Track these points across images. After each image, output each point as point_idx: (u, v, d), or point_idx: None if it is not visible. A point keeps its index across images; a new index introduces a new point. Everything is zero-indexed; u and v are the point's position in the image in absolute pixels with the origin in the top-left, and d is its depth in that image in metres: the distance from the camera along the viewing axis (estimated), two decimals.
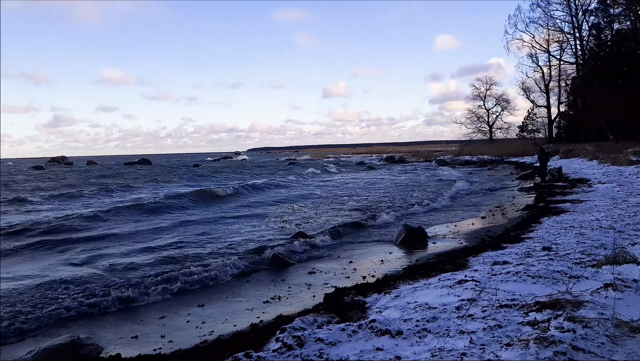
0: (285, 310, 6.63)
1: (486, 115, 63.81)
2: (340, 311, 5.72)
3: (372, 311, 5.75)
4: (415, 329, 4.82)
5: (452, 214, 15.50)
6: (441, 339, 4.59)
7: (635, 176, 19.00)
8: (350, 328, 4.75)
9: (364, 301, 6.11)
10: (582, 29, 45.75)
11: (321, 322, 5.20)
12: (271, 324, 5.79)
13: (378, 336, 4.67)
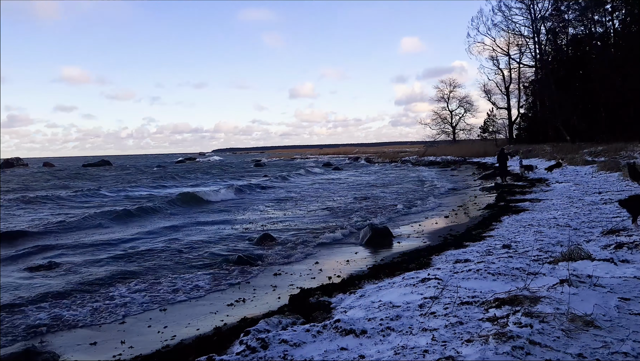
0: (250, 313, 6.58)
1: (450, 116, 65.21)
2: (305, 312, 5.71)
3: (337, 311, 5.76)
4: (379, 328, 4.86)
5: (417, 214, 15.72)
6: (404, 337, 4.65)
7: (590, 176, 19.77)
8: (315, 328, 4.74)
9: (329, 301, 6.12)
10: (540, 33, 47.36)
11: (286, 323, 5.17)
12: (235, 327, 5.72)
13: (342, 336, 4.68)
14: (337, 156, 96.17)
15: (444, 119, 65.26)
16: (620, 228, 8.53)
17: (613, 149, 25.67)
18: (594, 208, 11.96)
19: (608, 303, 4.84)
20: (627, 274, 5.79)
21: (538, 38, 47.31)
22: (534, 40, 47.65)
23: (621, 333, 4.17)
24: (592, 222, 10.20)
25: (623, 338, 4.06)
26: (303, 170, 49.29)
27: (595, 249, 7.43)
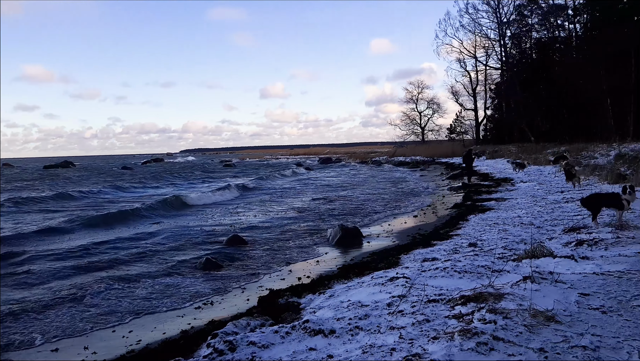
0: (218, 315, 6.50)
1: (418, 118, 66.10)
2: (274, 314, 5.69)
3: (307, 311, 5.77)
4: (348, 327, 4.89)
5: (387, 214, 15.85)
6: (372, 336, 4.68)
7: (553, 175, 20.36)
8: (284, 329, 4.73)
9: (299, 302, 6.12)
10: (505, 36, 48.51)
11: (254, 325, 5.14)
12: (203, 330, 5.65)
13: (311, 336, 4.68)
14: (308, 157, 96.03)
15: (413, 120, 66.17)
16: (580, 226, 8.81)
17: (575, 149, 26.50)
18: (556, 207, 12.32)
19: (568, 299, 5.00)
20: (587, 270, 5.99)
21: (503, 41, 48.51)
22: (499, 43, 48.85)
23: (580, 327, 4.30)
24: (554, 220, 10.50)
25: (582, 332, 4.19)
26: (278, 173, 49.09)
27: (557, 246, 7.64)
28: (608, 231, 7.84)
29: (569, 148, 27.25)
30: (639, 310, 4.59)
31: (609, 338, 4.06)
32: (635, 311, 4.57)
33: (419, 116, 66.03)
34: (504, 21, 47.41)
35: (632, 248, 6.73)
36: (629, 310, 4.61)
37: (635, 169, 15.70)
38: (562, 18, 43.38)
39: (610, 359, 3.75)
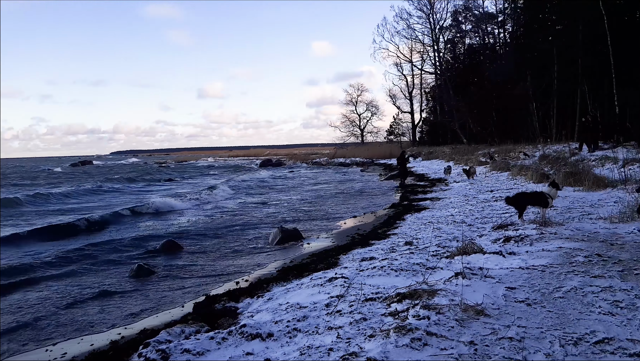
0: (151, 323, 6.25)
1: (358, 120, 67.25)
2: (210, 320, 5.55)
3: (244, 316, 5.68)
4: (286, 330, 4.86)
5: (327, 214, 15.95)
6: (310, 337, 4.68)
7: (484, 175, 21.33)
8: (220, 335, 4.62)
9: (236, 306, 6.01)
10: (439, 42, 50.37)
11: (189, 332, 4.99)
12: (134, 339, 5.41)
13: (248, 340, 4.60)
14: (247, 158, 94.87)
15: (352, 122, 67.27)
16: (508, 223, 9.26)
17: (503, 150, 27.90)
18: (486, 205, 12.89)
19: (496, 293, 5.23)
20: (514, 265, 6.29)
21: (437, 46, 50.31)
22: (433, 48, 50.58)
23: (507, 319, 4.51)
24: (484, 218, 10.97)
25: (509, 324, 4.40)
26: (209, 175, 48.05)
27: (487, 243, 7.98)
28: (533, 228, 8.28)
29: (498, 149, 28.66)
30: (560, 302, 4.88)
31: (533, 329, 4.28)
32: (557, 303, 4.85)
33: (359, 118, 67.25)
34: (437, 27, 49.23)
35: (554, 243, 7.15)
36: (551, 302, 4.89)
37: (558, 169, 16.74)
38: (493, 25, 45.73)
39: (534, 349, 3.96)
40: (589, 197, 11.73)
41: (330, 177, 34.72)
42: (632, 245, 6.71)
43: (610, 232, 7.68)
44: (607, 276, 5.45)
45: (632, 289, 4.99)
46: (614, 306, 4.63)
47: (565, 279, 5.49)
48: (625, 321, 4.30)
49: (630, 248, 6.58)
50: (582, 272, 5.66)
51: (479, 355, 3.88)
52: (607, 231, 7.79)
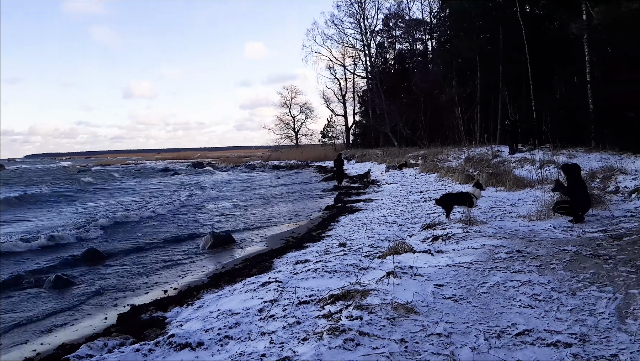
0: (70, 338, 5.84)
1: (292, 122, 67.26)
2: (136, 331, 5.28)
3: (173, 325, 5.46)
4: (217, 338, 4.71)
5: (261, 218, 15.76)
6: (243, 344, 4.57)
7: (414, 177, 22.03)
8: (146, 347, 4.40)
9: (164, 316, 5.77)
10: (370, 47, 51.57)
11: (113, 345, 4.71)
12: (51, 356, 5.03)
13: (177, 351, 4.42)
14: (177, 161, 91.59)
15: (287, 124, 67.16)
16: (436, 223, 9.59)
17: (432, 153, 28.99)
18: (416, 206, 13.29)
19: (426, 290, 5.37)
20: (441, 263, 6.51)
21: (369, 51, 51.46)
22: (365, 52, 51.69)
23: (436, 316, 4.64)
24: (414, 218, 11.30)
25: (437, 321, 4.53)
26: None
27: (417, 242, 8.21)
28: (459, 227, 8.63)
29: (427, 152, 29.74)
30: (484, 297, 5.10)
31: (460, 324, 4.44)
32: (482, 298, 5.06)
33: (293, 120, 67.29)
34: (367, 32, 50.35)
35: (478, 241, 7.48)
36: (476, 297, 5.09)
37: (481, 170, 17.62)
38: (421, 32, 47.45)
39: (461, 343, 4.09)
40: (510, 196, 12.43)
41: (264, 180, 34.43)
42: (548, 241, 7.15)
43: (529, 229, 8.16)
44: (527, 271, 5.77)
45: (548, 283, 5.31)
46: (533, 300, 4.90)
47: (488, 275, 5.75)
48: (543, 313, 4.56)
49: (546, 244, 7.01)
50: (504, 268, 5.96)
51: (409, 352, 3.96)
52: (526, 228, 8.27)
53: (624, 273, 5.41)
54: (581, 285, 5.18)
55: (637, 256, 5.94)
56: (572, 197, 8.36)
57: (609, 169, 11.53)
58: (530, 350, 3.89)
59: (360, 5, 49.78)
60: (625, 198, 9.68)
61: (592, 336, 4.02)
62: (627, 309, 4.47)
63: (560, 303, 4.76)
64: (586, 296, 4.88)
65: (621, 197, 9.79)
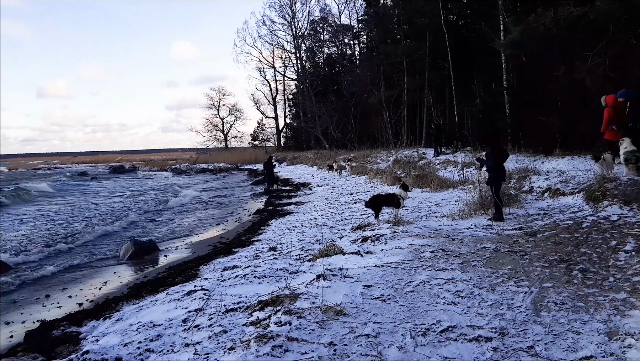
0: None
1: (221, 124, 65.82)
2: (47, 349, 4.86)
3: (88, 341, 5.07)
4: (137, 352, 4.45)
5: (187, 224, 15.22)
6: (165, 356, 4.34)
7: (344, 179, 22.32)
8: None
9: (79, 331, 5.36)
10: (300, 49, 51.70)
11: None
12: None
13: None
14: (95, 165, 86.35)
15: (215, 126, 65.59)
16: (366, 224, 9.73)
17: (362, 155, 29.53)
18: (346, 208, 13.44)
19: (355, 292, 5.39)
20: (370, 264, 6.58)
21: (299, 54, 51.56)
22: (295, 55, 51.75)
23: (364, 317, 4.65)
24: (345, 220, 11.41)
25: (366, 322, 4.54)
26: None
27: (347, 244, 8.26)
28: (387, 227, 8.79)
29: (357, 154, 30.28)
30: (411, 295, 5.19)
31: (388, 324, 4.48)
32: (408, 297, 5.15)
33: (222, 122, 65.89)
34: (298, 35, 50.46)
35: (405, 241, 7.65)
36: (403, 296, 5.17)
37: (408, 172, 18.17)
38: (349, 37, 48.32)
39: (389, 343, 4.12)
40: (434, 197, 12.88)
41: (191, 184, 33.38)
42: (470, 239, 7.45)
43: (452, 228, 8.47)
44: (450, 269, 5.96)
45: (470, 280, 5.50)
46: (456, 296, 5.05)
47: (415, 274, 5.87)
48: (466, 309, 4.71)
49: (468, 242, 7.30)
50: (429, 266, 6.12)
51: (338, 355, 3.92)
52: (450, 227, 8.58)
53: (539, 267, 5.73)
54: (500, 281, 5.41)
55: (549, 252, 6.32)
56: (490, 174, 8.84)
57: (524, 170, 12.26)
58: (454, 346, 3.99)
59: (292, 8, 49.86)
60: (538, 196, 10.32)
61: (510, 329, 4.19)
62: (541, 302, 4.72)
63: (481, 298, 4.94)
64: (505, 291, 5.10)
65: (535, 196, 10.43)
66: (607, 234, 6.65)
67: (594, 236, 6.67)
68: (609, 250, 5.97)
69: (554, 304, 4.62)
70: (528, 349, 3.82)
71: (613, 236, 6.49)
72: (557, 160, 12.51)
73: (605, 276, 5.20)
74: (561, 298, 4.74)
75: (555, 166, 11.93)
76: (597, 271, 5.37)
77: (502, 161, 8.72)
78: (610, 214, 7.51)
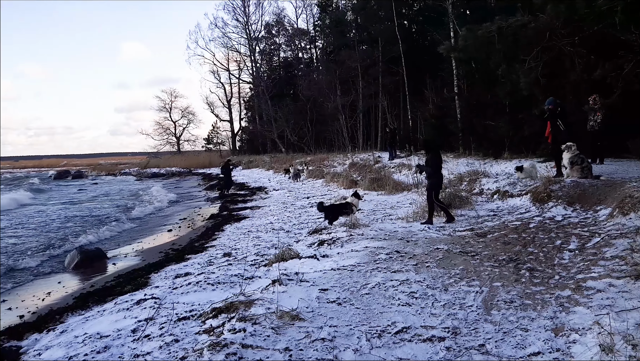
0: None
1: (173, 127, 64.32)
2: None
3: (30, 355, 4.81)
4: None
5: (138, 230, 14.72)
6: None
7: (301, 183, 22.28)
8: None
9: (19, 346, 5.06)
10: (255, 52, 51.31)
11: None
12: None
13: None
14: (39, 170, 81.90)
15: (167, 130, 64.01)
16: (322, 228, 9.72)
17: (318, 159, 29.62)
18: (303, 212, 13.40)
19: (311, 296, 5.35)
20: (327, 267, 6.56)
21: (254, 57, 51.15)
22: (250, 58, 51.28)
23: (320, 321, 4.62)
24: (301, 224, 11.36)
25: (322, 326, 4.51)
26: None
27: (303, 248, 8.23)
28: (343, 230, 8.83)
29: (314, 158, 30.35)
30: (367, 298, 5.21)
31: (344, 327, 4.47)
32: (364, 299, 5.17)
33: (174, 125, 64.39)
34: (253, 38, 50.08)
35: (361, 243, 7.69)
36: (359, 299, 5.19)
37: (364, 176, 18.35)
38: (305, 41, 48.43)
39: (344, 346, 4.11)
40: (389, 200, 13.06)
41: (141, 189, 32.24)
42: (423, 241, 7.58)
43: (407, 230, 8.59)
44: (405, 270, 6.03)
45: (424, 281, 5.59)
46: (410, 297, 5.11)
47: (370, 276, 5.90)
48: (420, 310, 4.77)
49: (422, 243, 7.42)
50: (385, 268, 6.17)
51: (293, 360, 3.88)
52: (404, 229, 8.70)
53: (489, 267, 5.89)
54: (452, 281, 5.53)
55: (499, 252, 6.51)
56: (430, 181, 9.10)
57: (475, 173, 12.64)
58: (408, 347, 4.02)
59: (245, 10, 49.45)
60: (488, 198, 10.65)
61: (462, 328, 4.27)
62: (492, 301, 4.85)
63: (434, 299, 5.02)
64: (457, 291, 5.21)
65: (485, 198, 10.76)
66: (553, 234, 6.93)
67: (540, 236, 6.94)
68: (555, 249, 6.22)
69: (503, 302, 4.76)
70: (479, 347, 3.90)
71: (558, 236, 6.77)
72: (506, 163, 12.98)
73: (551, 274, 5.40)
74: (510, 297, 4.89)
75: (504, 169, 12.38)
76: (543, 270, 5.58)
77: (440, 167, 8.98)
78: (555, 214, 7.84)
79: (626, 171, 9.76)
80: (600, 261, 5.36)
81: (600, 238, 6.16)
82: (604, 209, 7.30)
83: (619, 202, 6.98)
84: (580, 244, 6.18)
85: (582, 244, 6.15)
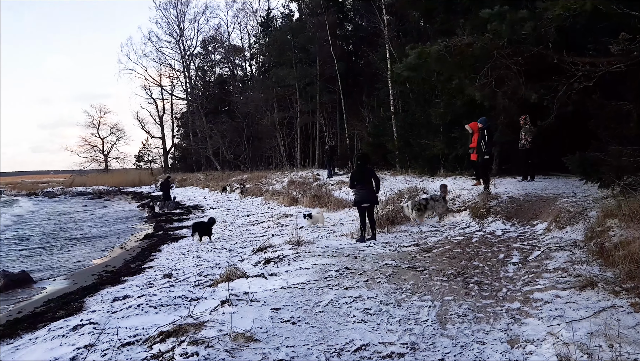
0: None
1: (101, 144, 61.36)
2: None
3: None
4: None
5: (65, 253, 13.73)
6: None
7: (239, 201, 21.89)
8: None
9: None
10: (190, 68, 50.35)
11: None
12: None
13: None
14: None
15: (94, 147, 60.90)
16: (267, 245, 9.56)
17: (256, 177, 29.30)
18: (244, 230, 13.14)
19: (263, 316, 5.19)
20: (276, 286, 6.42)
21: (188, 73, 50.14)
22: (184, 74, 50.23)
23: (276, 341, 4.48)
24: (244, 242, 11.12)
25: (278, 346, 4.37)
26: None
27: (249, 267, 8.03)
28: (289, 248, 8.72)
29: (251, 176, 30.00)
30: (321, 316, 5.13)
31: (301, 347, 4.35)
32: (318, 317, 5.08)
33: (102, 142, 61.42)
34: (187, 54, 49.18)
35: (309, 261, 7.61)
36: (313, 317, 5.10)
37: (305, 193, 18.34)
38: (241, 58, 48.22)
39: None
40: (332, 216, 13.11)
41: (66, 209, 30.33)
42: (371, 257, 7.63)
43: (353, 247, 8.63)
44: (356, 287, 6.02)
45: (377, 297, 5.60)
46: (365, 314, 5.09)
47: (322, 293, 5.84)
48: (376, 326, 4.76)
49: (370, 259, 7.46)
50: (336, 285, 6.13)
51: None
52: (350, 246, 8.74)
53: (438, 282, 6.02)
54: (405, 296, 5.58)
55: (446, 266, 6.68)
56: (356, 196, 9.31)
57: (414, 189, 13.00)
58: None
59: (180, 26, 48.52)
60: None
61: (420, 343, 4.30)
62: (445, 315, 4.93)
63: (389, 315, 5.04)
64: (410, 306, 5.26)
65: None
66: (495, 248, 7.23)
67: (483, 250, 7.21)
68: (499, 263, 6.48)
69: (457, 316, 4.86)
70: None
71: (500, 250, 7.08)
72: (442, 180, 13.46)
73: (498, 287, 5.61)
74: (463, 310, 5.00)
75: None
76: (490, 283, 5.78)
77: (370, 180, 9.19)
78: (495, 229, 8.20)
79: (556, 187, 10.42)
80: (544, 273, 5.63)
81: (541, 251, 6.50)
82: (540, 223, 7.74)
83: (555, 216, 7.42)
84: (523, 258, 6.48)
85: (525, 258, 6.46)
